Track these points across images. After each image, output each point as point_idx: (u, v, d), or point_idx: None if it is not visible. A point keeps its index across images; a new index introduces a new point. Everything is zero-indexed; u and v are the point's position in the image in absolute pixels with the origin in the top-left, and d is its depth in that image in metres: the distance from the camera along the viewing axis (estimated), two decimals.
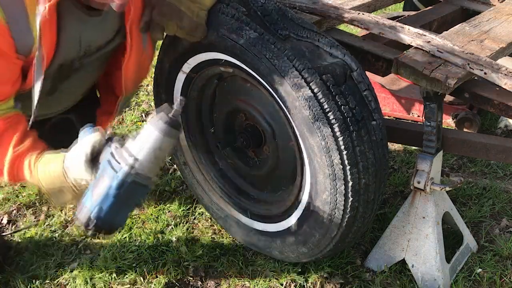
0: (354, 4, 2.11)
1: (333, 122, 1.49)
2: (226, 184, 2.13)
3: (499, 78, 1.56)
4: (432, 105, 1.68)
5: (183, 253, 2.07)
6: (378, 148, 1.60)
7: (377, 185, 1.65)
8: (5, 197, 2.47)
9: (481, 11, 2.20)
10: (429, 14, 2.34)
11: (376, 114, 1.59)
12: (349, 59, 1.57)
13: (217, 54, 1.69)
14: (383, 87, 2.92)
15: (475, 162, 2.63)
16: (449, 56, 1.64)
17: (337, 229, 1.67)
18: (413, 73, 1.62)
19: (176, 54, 1.83)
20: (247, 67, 1.61)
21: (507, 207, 2.31)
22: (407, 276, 1.93)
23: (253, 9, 1.61)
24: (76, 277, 1.98)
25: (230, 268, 2.02)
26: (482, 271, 1.97)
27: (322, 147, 1.53)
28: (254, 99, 1.86)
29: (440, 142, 1.78)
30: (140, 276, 1.97)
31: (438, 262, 1.84)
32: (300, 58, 1.49)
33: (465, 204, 2.34)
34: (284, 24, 1.62)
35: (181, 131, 1.58)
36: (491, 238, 2.14)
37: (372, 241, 2.11)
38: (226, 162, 2.14)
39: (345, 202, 1.60)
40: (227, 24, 1.58)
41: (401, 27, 1.78)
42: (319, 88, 1.48)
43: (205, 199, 2.17)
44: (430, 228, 1.83)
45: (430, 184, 1.77)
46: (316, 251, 1.79)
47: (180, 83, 1.96)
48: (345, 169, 1.54)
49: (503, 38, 1.86)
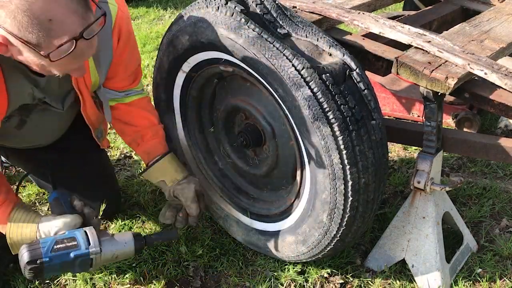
0: (354, 3, 2.11)
1: (332, 121, 1.49)
2: (226, 184, 2.13)
3: (499, 78, 1.55)
4: (432, 105, 1.68)
5: (183, 253, 2.07)
6: (377, 148, 1.60)
7: (377, 184, 1.65)
8: None
9: (481, 11, 2.20)
10: (429, 13, 2.34)
11: (375, 114, 1.58)
12: (348, 59, 1.57)
13: (217, 53, 1.69)
14: (383, 87, 2.92)
15: (475, 162, 2.63)
16: (449, 56, 1.64)
17: (337, 228, 1.67)
18: (413, 73, 1.61)
19: (176, 53, 1.84)
20: (247, 67, 1.61)
21: (507, 207, 2.30)
22: (407, 276, 1.93)
23: (252, 8, 1.61)
24: (76, 277, 1.97)
25: (230, 268, 2.02)
26: (482, 271, 1.96)
27: (322, 147, 1.53)
28: (254, 99, 1.86)
29: (440, 142, 1.78)
30: (140, 276, 1.97)
31: (438, 262, 1.83)
32: (299, 58, 1.49)
33: (465, 204, 2.34)
34: (284, 23, 1.62)
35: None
36: (491, 238, 2.13)
37: (372, 241, 2.10)
38: (226, 161, 2.14)
39: (344, 202, 1.60)
40: (226, 23, 1.58)
41: (401, 27, 1.78)
42: (318, 88, 1.48)
43: (205, 199, 2.17)
44: (430, 228, 1.83)
45: (430, 184, 1.76)
46: (316, 251, 1.79)
47: (179, 83, 1.96)
48: (345, 169, 1.54)
49: (503, 38, 1.86)
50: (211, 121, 2.11)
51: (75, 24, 1.27)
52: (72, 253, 1.56)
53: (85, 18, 1.29)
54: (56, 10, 1.23)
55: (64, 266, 1.58)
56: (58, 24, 1.25)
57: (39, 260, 1.53)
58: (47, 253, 1.54)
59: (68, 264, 1.58)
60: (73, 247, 1.57)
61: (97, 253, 1.60)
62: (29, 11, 1.21)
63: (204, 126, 2.12)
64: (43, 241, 1.57)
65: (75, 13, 1.27)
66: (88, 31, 1.30)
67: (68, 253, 1.56)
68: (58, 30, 1.25)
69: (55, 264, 1.55)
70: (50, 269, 1.56)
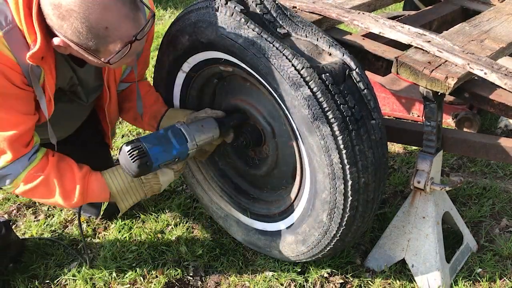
0: (354, 3, 2.11)
1: (332, 121, 1.49)
2: (226, 184, 2.13)
3: (499, 78, 1.55)
4: (432, 105, 1.68)
5: (183, 253, 2.07)
6: (377, 147, 1.60)
7: (377, 184, 1.65)
8: (5, 197, 2.47)
9: (481, 10, 2.20)
10: (429, 13, 2.34)
11: (375, 113, 1.58)
12: (348, 59, 1.57)
13: (216, 53, 1.69)
14: (383, 87, 2.92)
15: (475, 162, 2.63)
16: (449, 56, 1.63)
17: (337, 228, 1.67)
18: (413, 73, 1.61)
19: (176, 53, 1.84)
20: (247, 66, 1.61)
21: (507, 207, 2.30)
22: (407, 276, 1.93)
23: (252, 8, 1.61)
24: (76, 277, 1.98)
25: (230, 268, 2.02)
26: (482, 271, 1.96)
27: (322, 146, 1.53)
28: (253, 98, 1.86)
29: (440, 142, 1.78)
30: (140, 276, 1.97)
31: (438, 262, 1.83)
32: (299, 57, 1.49)
33: (465, 204, 2.34)
34: (283, 23, 1.62)
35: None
36: (491, 238, 2.13)
37: (372, 241, 2.10)
38: (226, 161, 2.14)
39: (344, 201, 1.60)
40: (226, 23, 1.58)
41: (401, 27, 1.78)
42: (318, 87, 1.48)
43: (205, 199, 2.17)
44: (430, 228, 1.83)
45: (430, 184, 1.76)
46: (316, 250, 1.79)
47: (179, 82, 1.96)
48: (345, 168, 1.54)
49: (503, 38, 1.86)
50: None
51: (129, 28, 1.39)
52: (174, 147, 1.66)
53: (137, 21, 1.41)
54: (110, 18, 1.35)
55: (164, 157, 1.63)
56: (114, 31, 1.37)
57: (141, 146, 1.59)
58: (149, 146, 1.61)
59: (168, 158, 1.64)
60: (172, 142, 1.66)
61: (194, 147, 1.71)
62: (87, 22, 1.34)
63: None
64: (142, 139, 1.63)
65: (128, 17, 1.38)
66: (141, 33, 1.41)
67: (170, 146, 1.65)
68: (114, 36, 1.38)
69: (158, 153, 1.61)
70: (152, 157, 1.60)
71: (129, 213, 2.32)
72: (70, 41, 1.40)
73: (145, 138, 1.62)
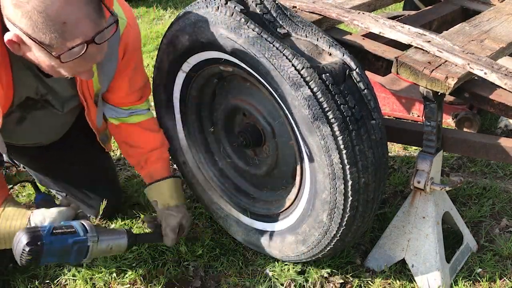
0: (354, 3, 2.10)
1: (332, 121, 1.49)
2: (226, 184, 2.13)
3: (499, 78, 1.55)
4: (432, 105, 1.68)
5: (183, 253, 2.07)
6: (377, 147, 1.60)
7: (377, 184, 1.65)
8: None
9: (481, 10, 2.20)
10: (429, 13, 2.34)
11: (375, 113, 1.58)
12: (348, 59, 1.57)
13: (216, 53, 1.69)
14: (383, 87, 2.92)
15: (475, 162, 2.63)
16: (449, 56, 1.63)
17: (337, 228, 1.67)
18: (413, 73, 1.61)
19: (176, 53, 1.84)
20: (247, 66, 1.61)
21: (507, 207, 2.30)
22: (407, 276, 1.93)
23: (252, 8, 1.61)
24: (76, 276, 1.97)
25: (230, 268, 2.02)
26: (482, 271, 1.96)
27: (322, 146, 1.53)
28: (254, 98, 1.86)
29: (440, 142, 1.78)
30: (140, 276, 1.97)
31: (438, 262, 1.83)
32: (299, 57, 1.49)
33: (465, 204, 2.34)
34: (283, 23, 1.62)
35: None
36: (491, 238, 2.13)
37: (372, 241, 2.10)
38: (226, 161, 2.14)
39: (344, 202, 1.60)
40: (226, 23, 1.58)
41: (401, 27, 1.78)
42: (318, 88, 1.48)
43: (205, 199, 2.17)
44: (430, 228, 1.83)
45: (430, 184, 1.76)
46: (316, 250, 1.79)
47: (179, 82, 1.96)
48: (345, 168, 1.54)
49: (503, 38, 1.86)
50: (211, 121, 2.11)
51: (88, 28, 1.32)
52: (70, 238, 1.55)
53: (97, 23, 1.33)
54: (70, 13, 1.27)
55: (61, 251, 1.55)
56: (72, 27, 1.29)
57: (39, 242, 1.49)
58: (47, 236, 1.51)
59: (65, 250, 1.56)
60: (71, 233, 1.56)
61: (95, 241, 1.60)
62: (45, 13, 1.25)
63: (204, 126, 2.12)
64: (41, 226, 1.55)
65: (89, 17, 1.31)
66: (100, 36, 1.34)
67: (67, 238, 1.55)
68: (71, 33, 1.30)
69: (54, 248, 1.53)
70: (48, 253, 1.52)
71: (129, 213, 2.32)
72: (24, 33, 1.28)
73: (49, 244, 1.53)
